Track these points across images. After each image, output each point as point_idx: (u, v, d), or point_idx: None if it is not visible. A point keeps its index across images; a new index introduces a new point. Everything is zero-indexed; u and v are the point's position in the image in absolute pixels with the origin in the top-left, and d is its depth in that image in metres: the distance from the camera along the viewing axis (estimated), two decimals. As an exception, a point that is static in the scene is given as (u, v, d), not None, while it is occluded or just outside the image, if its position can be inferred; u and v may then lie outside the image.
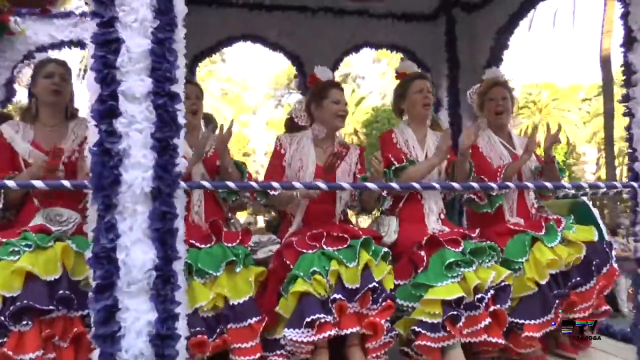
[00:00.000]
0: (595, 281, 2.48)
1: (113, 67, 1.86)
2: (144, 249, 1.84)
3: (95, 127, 1.86)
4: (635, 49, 2.55)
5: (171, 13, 1.93)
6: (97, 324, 1.80)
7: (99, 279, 1.81)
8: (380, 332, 2.23)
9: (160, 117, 1.88)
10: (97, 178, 1.83)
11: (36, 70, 2.54)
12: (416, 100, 2.74)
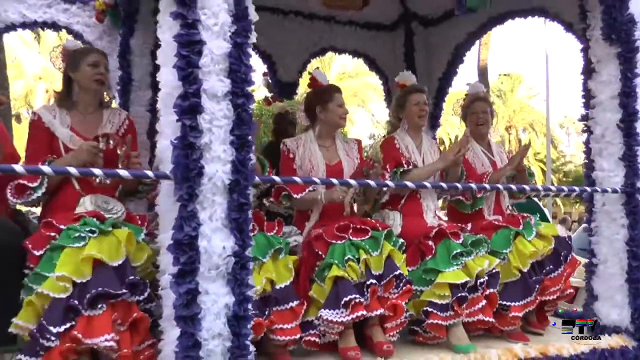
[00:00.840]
0: (563, 269, 2.97)
1: (196, 67, 1.98)
2: (223, 237, 1.99)
3: (177, 121, 1.97)
4: (594, 78, 3.07)
5: (247, 19, 2.10)
6: (180, 307, 1.92)
7: (181, 264, 1.93)
8: (400, 313, 2.54)
9: (239, 115, 2.03)
10: (182, 170, 1.95)
11: (78, 57, 2.53)
12: (414, 111, 3.08)
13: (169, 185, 2.00)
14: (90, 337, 2.00)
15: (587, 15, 3.08)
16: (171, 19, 2.01)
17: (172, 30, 2.01)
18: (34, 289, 2.09)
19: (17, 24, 3.86)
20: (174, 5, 2.00)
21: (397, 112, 3.17)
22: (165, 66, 2.05)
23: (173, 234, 1.95)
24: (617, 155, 2.94)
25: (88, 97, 2.55)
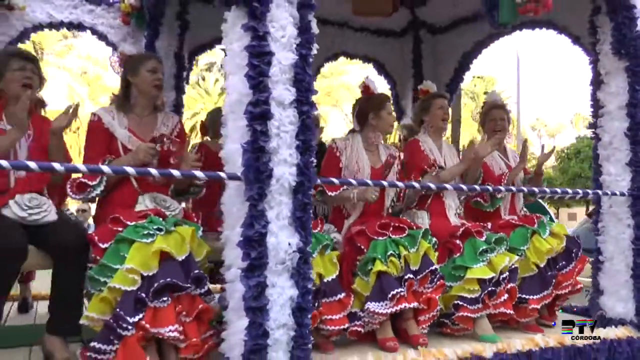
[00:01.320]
0: (574, 265, 3.22)
1: (266, 76, 2.13)
2: (288, 234, 2.15)
3: (247, 126, 2.12)
4: (602, 89, 3.32)
5: (310, 32, 2.25)
6: (249, 299, 2.07)
7: (252, 259, 2.08)
8: (434, 306, 2.74)
9: (303, 122, 2.19)
10: (253, 172, 2.10)
11: (137, 62, 2.65)
12: (438, 115, 3.28)
13: (238, 186, 2.15)
14: (157, 327, 2.14)
15: (597, 30, 3.32)
16: (241, 31, 2.15)
17: (242, 41, 2.16)
18: (100, 280, 2.22)
19: (45, 24, 3.95)
20: (245, 18, 2.15)
21: (420, 115, 3.37)
22: (234, 74, 2.19)
23: (243, 231, 2.10)
24: (624, 161, 3.19)
25: (145, 100, 2.68)
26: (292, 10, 2.21)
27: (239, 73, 2.17)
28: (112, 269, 2.20)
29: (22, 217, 2.31)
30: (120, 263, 2.19)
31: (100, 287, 2.23)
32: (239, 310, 2.13)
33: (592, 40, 3.37)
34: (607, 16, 3.25)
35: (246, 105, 2.13)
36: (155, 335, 2.16)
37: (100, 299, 2.19)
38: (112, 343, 2.16)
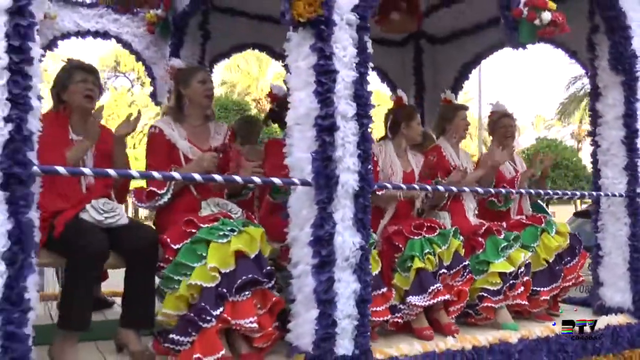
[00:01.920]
0: (577, 259, 3.57)
1: (332, 92, 2.37)
2: (351, 234, 2.40)
3: (316, 137, 2.36)
4: (600, 100, 3.66)
5: (367, 51, 2.50)
6: (320, 292, 2.31)
7: (322, 257, 2.32)
8: (464, 298, 3.04)
9: (363, 133, 2.44)
10: (322, 178, 2.34)
11: (188, 74, 2.83)
12: (461, 125, 3.58)
13: (307, 190, 2.39)
14: (237, 319, 2.35)
15: (595, 47, 3.67)
16: (308, 50, 2.39)
17: (309, 59, 2.39)
18: (175, 279, 2.42)
19: (72, 32, 4.09)
20: (312, 39, 2.39)
21: (443, 123, 3.65)
22: (299, 90, 2.43)
23: (313, 232, 2.34)
24: (621, 165, 3.54)
25: (197, 110, 2.87)
26: (352, 32, 2.45)
27: (306, 89, 2.41)
28: (188, 267, 2.39)
29: (99, 220, 2.48)
30: (197, 261, 2.39)
31: (175, 285, 2.42)
32: (307, 303, 2.37)
33: (590, 56, 3.72)
34: (605, 35, 3.59)
35: (314, 118, 2.37)
36: (234, 326, 2.38)
37: (177, 296, 2.39)
38: (190, 335, 2.36)
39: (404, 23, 4.10)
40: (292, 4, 2.35)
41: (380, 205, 3.19)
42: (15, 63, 1.84)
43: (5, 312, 1.78)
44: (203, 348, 2.32)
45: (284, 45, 2.53)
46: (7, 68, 1.82)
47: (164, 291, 2.49)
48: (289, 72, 2.50)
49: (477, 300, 3.17)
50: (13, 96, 1.83)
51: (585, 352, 3.12)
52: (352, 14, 2.45)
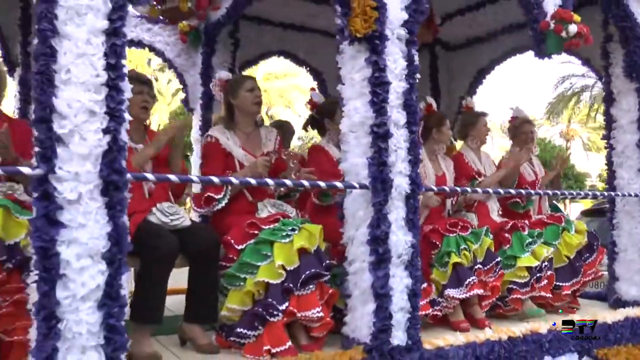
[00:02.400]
0: (595, 255, 3.79)
1: (385, 102, 2.56)
2: (404, 233, 2.59)
3: (371, 145, 2.54)
4: (615, 106, 3.89)
5: (414, 64, 2.68)
6: (378, 287, 2.50)
7: (379, 254, 2.50)
8: (496, 293, 3.25)
9: (412, 140, 2.63)
10: (379, 182, 2.52)
11: (236, 85, 3.00)
12: (483, 131, 3.79)
13: (362, 193, 2.57)
14: (303, 311, 2.54)
15: (609, 55, 3.90)
16: (363, 63, 2.57)
17: (363, 72, 2.58)
18: (240, 276, 2.59)
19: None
20: (366, 53, 2.57)
21: (466, 129, 3.86)
22: (354, 99, 2.62)
23: (370, 231, 2.53)
24: (635, 167, 3.77)
25: (247, 118, 3.04)
26: (401, 46, 2.64)
27: (360, 99, 2.60)
28: (253, 266, 2.57)
29: (165, 222, 2.63)
30: (262, 260, 2.57)
31: (240, 282, 2.60)
32: (364, 298, 2.56)
33: (604, 63, 3.95)
34: (619, 44, 3.82)
35: (370, 126, 2.55)
36: (301, 318, 2.55)
37: (244, 292, 2.57)
38: (256, 329, 2.54)
39: (420, 35, 4.29)
40: (349, 21, 2.52)
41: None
42: (112, 79, 1.99)
43: (106, 307, 1.92)
44: (271, 340, 2.50)
45: (337, 58, 2.70)
46: (105, 84, 1.97)
47: (226, 288, 2.67)
48: (343, 83, 2.68)
49: (506, 293, 3.38)
50: (110, 110, 1.98)
51: (607, 343, 3.33)
52: (402, 29, 2.63)
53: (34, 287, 1.88)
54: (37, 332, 1.86)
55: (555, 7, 3.18)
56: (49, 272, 1.85)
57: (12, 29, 3.89)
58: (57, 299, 1.86)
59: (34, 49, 1.95)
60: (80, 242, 1.89)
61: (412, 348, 2.58)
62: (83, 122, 1.92)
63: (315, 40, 4.91)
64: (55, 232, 1.86)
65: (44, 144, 1.87)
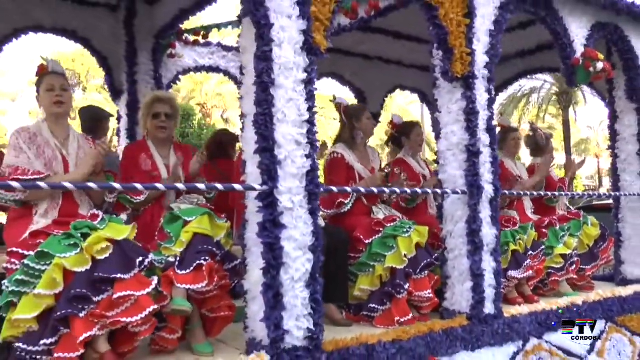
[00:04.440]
0: (607, 243, 4.68)
1: (477, 127, 3.32)
2: (490, 227, 3.36)
3: (467, 160, 3.30)
4: (618, 122, 4.80)
5: (492, 95, 3.46)
6: (475, 269, 3.26)
7: (475, 244, 3.26)
8: (540, 274, 4.07)
9: (494, 157, 3.41)
10: (475, 189, 3.28)
11: (359, 111, 3.74)
12: (512, 145, 4.61)
13: (459, 197, 3.32)
14: (419, 292, 3.29)
15: (613, 81, 4.80)
16: (459, 97, 3.33)
17: (459, 104, 3.34)
18: (370, 264, 3.31)
19: (192, 68, 4.85)
20: (462, 89, 3.33)
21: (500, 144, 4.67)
22: (450, 124, 3.39)
23: (467, 226, 3.29)
24: (636, 172, 4.69)
25: (365, 140, 3.77)
26: (485, 83, 3.42)
27: (456, 125, 3.37)
28: (381, 255, 3.30)
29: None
30: (388, 251, 3.29)
31: (369, 269, 3.33)
32: (462, 278, 3.32)
33: (608, 87, 4.85)
34: (622, 72, 4.73)
35: (465, 146, 3.32)
36: (415, 298, 3.29)
37: (375, 276, 3.29)
38: (385, 304, 3.27)
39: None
40: (451, 65, 3.27)
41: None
42: (310, 117, 2.65)
43: (312, 286, 2.59)
44: (399, 312, 3.23)
45: (434, 91, 3.45)
46: (306, 121, 2.64)
47: (356, 274, 3.38)
48: (440, 112, 3.43)
49: (545, 276, 4.21)
50: (310, 140, 2.64)
51: (624, 312, 4.22)
52: (485, 69, 3.41)
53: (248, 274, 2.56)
54: (266, 306, 2.52)
55: (582, 47, 4.04)
56: (275, 261, 2.52)
57: (118, 60, 4.45)
58: (281, 280, 2.53)
59: (255, 97, 2.58)
60: (295, 238, 2.57)
61: (497, 315, 3.36)
62: (293, 150, 2.60)
63: (359, 64, 5.64)
64: (279, 232, 2.53)
65: (268, 167, 2.54)
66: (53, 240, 2.40)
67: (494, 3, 3.50)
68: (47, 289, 2.31)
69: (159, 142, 3.19)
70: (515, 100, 28.98)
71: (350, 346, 2.72)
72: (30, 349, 2.31)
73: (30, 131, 2.75)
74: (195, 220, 2.76)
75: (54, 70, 2.83)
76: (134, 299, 2.40)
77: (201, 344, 2.73)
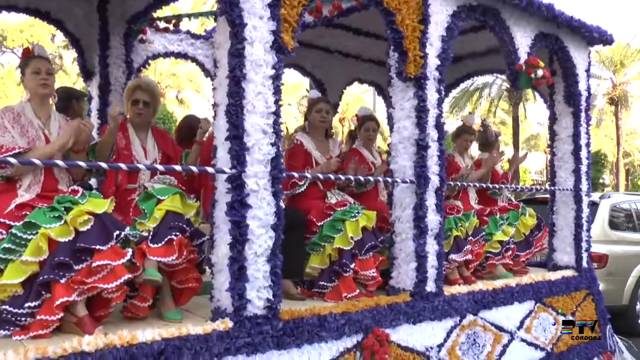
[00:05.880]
0: (541, 233, 5.16)
1: (426, 123, 3.67)
2: (435, 214, 3.73)
3: (417, 153, 3.65)
4: (556, 124, 5.25)
5: (442, 96, 3.81)
6: (419, 251, 3.62)
7: (420, 229, 3.62)
8: (479, 258, 4.50)
9: (442, 150, 3.77)
10: (422, 179, 3.64)
11: (311, 105, 4.00)
12: (462, 144, 5.04)
13: (408, 186, 3.68)
14: (364, 271, 3.65)
15: (553, 86, 5.25)
16: (411, 96, 3.67)
17: (411, 102, 3.67)
18: (321, 244, 3.64)
19: (161, 54, 5.04)
20: (414, 88, 3.67)
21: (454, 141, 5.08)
22: (403, 120, 3.70)
23: (414, 212, 3.65)
24: (570, 169, 5.16)
25: (319, 130, 4.09)
26: (435, 83, 3.77)
27: (407, 120, 3.70)
28: (330, 237, 3.62)
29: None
30: (337, 233, 3.62)
31: (320, 249, 3.65)
32: (408, 259, 3.68)
33: (549, 91, 5.30)
34: (561, 78, 5.18)
35: (415, 140, 3.67)
36: (360, 276, 3.64)
37: (325, 255, 3.61)
38: (333, 281, 3.60)
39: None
40: (405, 66, 3.60)
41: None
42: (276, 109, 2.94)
43: (272, 261, 2.89)
44: (346, 288, 3.57)
45: (389, 89, 3.78)
46: (273, 113, 2.92)
47: (309, 253, 3.70)
48: (393, 107, 3.76)
49: (483, 260, 4.65)
50: (275, 130, 2.91)
51: (552, 294, 4.70)
52: (436, 71, 3.76)
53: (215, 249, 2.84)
54: (231, 277, 2.81)
55: (526, 54, 4.44)
56: (241, 237, 2.80)
57: (90, 42, 4.59)
58: (245, 255, 2.82)
59: (228, 89, 2.84)
60: (259, 217, 2.86)
61: (439, 293, 3.74)
62: (260, 138, 2.88)
63: (320, 56, 5.93)
64: (245, 211, 2.82)
65: (238, 153, 2.82)
66: (38, 212, 2.63)
67: (447, 11, 3.85)
68: (33, 256, 2.54)
69: (137, 125, 3.43)
70: (467, 93, 29.72)
71: (304, 316, 3.04)
72: (16, 311, 2.54)
73: (14, 111, 2.95)
74: (168, 199, 3.02)
75: (39, 54, 3.02)
76: (110, 267, 2.65)
77: (171, 312, 3.00)
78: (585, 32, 4.99)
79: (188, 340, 2.57)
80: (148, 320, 2.99)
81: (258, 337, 2.78)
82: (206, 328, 2.67)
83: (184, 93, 30.09)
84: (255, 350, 2.77)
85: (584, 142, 5.21)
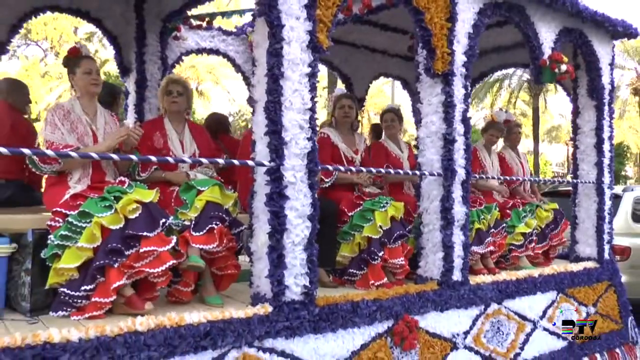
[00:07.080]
0: (560, 227, 5.26)
1: (453, 118, 3.79)
2: (461, 206, 3.86)
3: (444, 147, 3.78)
4: (579, 117, 5.33)
5: (469, 91, 3.93)
6: (446, 242, 3.76)
7: (447, 220, 3.76)
8: (501, 249, 4.62)
9: (468, 144, 3.89)
10: (449, 171, 3.77)
11: (334, 101, 4.16)
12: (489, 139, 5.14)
13: (435, 178, 3.81)
14: (392, 259, 3.79)
15: (577, 79, 5.32)
16: (439, 92, 3.79)
17: (439, 97, 3.79)
18: (351, 232, 3.79)
19: (194, 50, 5.21)
20: (441, 84, 3.79)
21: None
22: (430, 115, 3.83)
23: (441, 204, 3.78)
24: (592, 162, 5.23)
25: (343, 127, 4.24)
26: (462, 79, 3.88)
27: (435, 115, 3.82)
28: (360, 226, 3.77)
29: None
30: (366, 222, 3.77)
31: (350, 237, 3.80)
32: (435, 249, 3.82)
33: (573, 85, 5.37)
34: (585, 72, 5.25)
35: (442, 134, 3.79)
36: (389, 264, 3.79)
37: (355, 244, 3.77)
38: (362, 269, 3.76)
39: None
40: (433, 63, 3.72)
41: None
42: (312, 105, 3.09)
43: (309, 250, 3.05)
44: (374, 276, 3.73)
45: (417, 85, 3.90)
46: (309, 109, 3.07)
47: (339, 242, 3.86)
48: (421, 103, 3.89)
49: (507, 252, 4.76)
50: (311, 125, 3.07)
51: (574, 284, 4.80)
52: (463, 67, 3.88)
53: (254, 238, 3.01)
54: (270, 265, 2.97)
55: (550, 49, 4.53)
56: (280, 227, 2.96)
57: (127, 40, 4.79)
58: (283, 243, 2.98)
59: (266, 87, 2.99)
60: (296, 208, 3.02)
61: (464, 282, 3.88)
62: (297, 133, 3.03)
63: (348, 52, 6.06)
64: (283, 202, 2.98)
65: (276, 147, 2.97)
66: (91, 202, 2.82)
67: (474, 9, 3.96)
68: (87, 243, 2.74)
69: (174, 117, 3.61)
70: (487, 84, 29.58)
71: (338, 302, 3.20)
72: (72, 293, 2.74)
73: (64, 108, 3.14)
74: (208, 190, 3.20)
75: (87, 54, 3.21)
76: (156, 253, 2.84)
77: (212, 297, 3.19)
78: (610, 27, 5.05)
79: (231, 322, 2.75)
80: (192, 304, 3.18)
81: (296, 321, 2.95)
82: (247, 312, 2.84)
83: (204, 85, 30.31)
84: (293, 334, 2.94)
85: (607, 135, 5.28)
